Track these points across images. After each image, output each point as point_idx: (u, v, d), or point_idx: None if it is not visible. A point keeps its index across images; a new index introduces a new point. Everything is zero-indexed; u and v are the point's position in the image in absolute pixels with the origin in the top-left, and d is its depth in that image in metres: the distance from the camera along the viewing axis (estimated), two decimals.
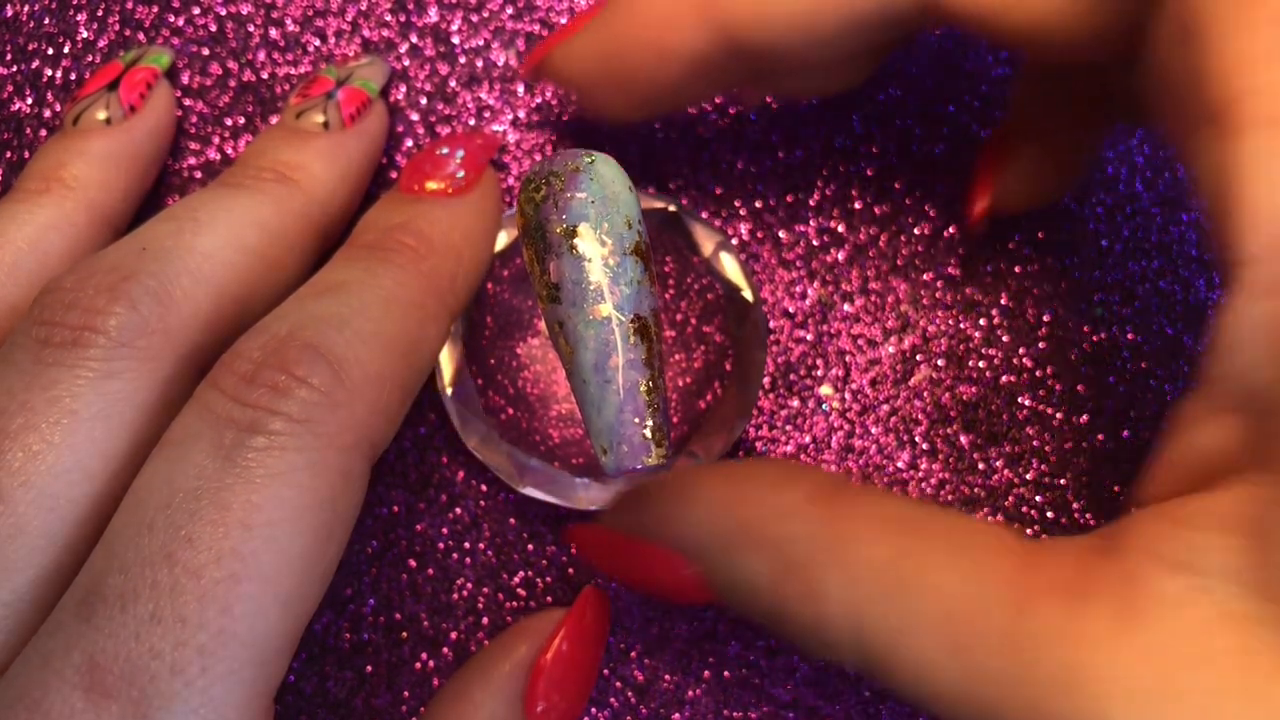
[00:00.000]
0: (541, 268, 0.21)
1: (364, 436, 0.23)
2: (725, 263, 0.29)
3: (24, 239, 0.26)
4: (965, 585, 0.20)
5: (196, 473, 0.21)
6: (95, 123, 0.29)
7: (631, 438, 0.20)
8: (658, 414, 0.20)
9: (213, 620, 0.20)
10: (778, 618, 0.22)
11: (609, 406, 0.20)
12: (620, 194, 0.21)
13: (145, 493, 0.21)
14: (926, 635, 0.20)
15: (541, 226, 0.20)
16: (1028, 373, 0.31)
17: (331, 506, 0.22)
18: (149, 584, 0.20)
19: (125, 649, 0.20)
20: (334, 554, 0.22)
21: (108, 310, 0.22)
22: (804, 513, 0.22)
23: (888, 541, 0.21)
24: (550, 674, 0.26)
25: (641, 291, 0.21)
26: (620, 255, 0.20)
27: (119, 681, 0.19)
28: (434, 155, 0.28)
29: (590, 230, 0.20)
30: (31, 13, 0.32)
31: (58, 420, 0.22)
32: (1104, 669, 0.18)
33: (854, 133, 0.32)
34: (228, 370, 0.22)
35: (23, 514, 0.21)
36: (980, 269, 0.31)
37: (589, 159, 0.21)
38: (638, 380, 0.20)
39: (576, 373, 0.20)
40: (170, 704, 0.19)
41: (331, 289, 0.24)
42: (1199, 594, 0.18)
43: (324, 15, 0.32)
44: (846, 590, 0.21)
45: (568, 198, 0.20)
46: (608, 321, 0.20)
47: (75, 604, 0.20)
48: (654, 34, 0.26)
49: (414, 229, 0.26)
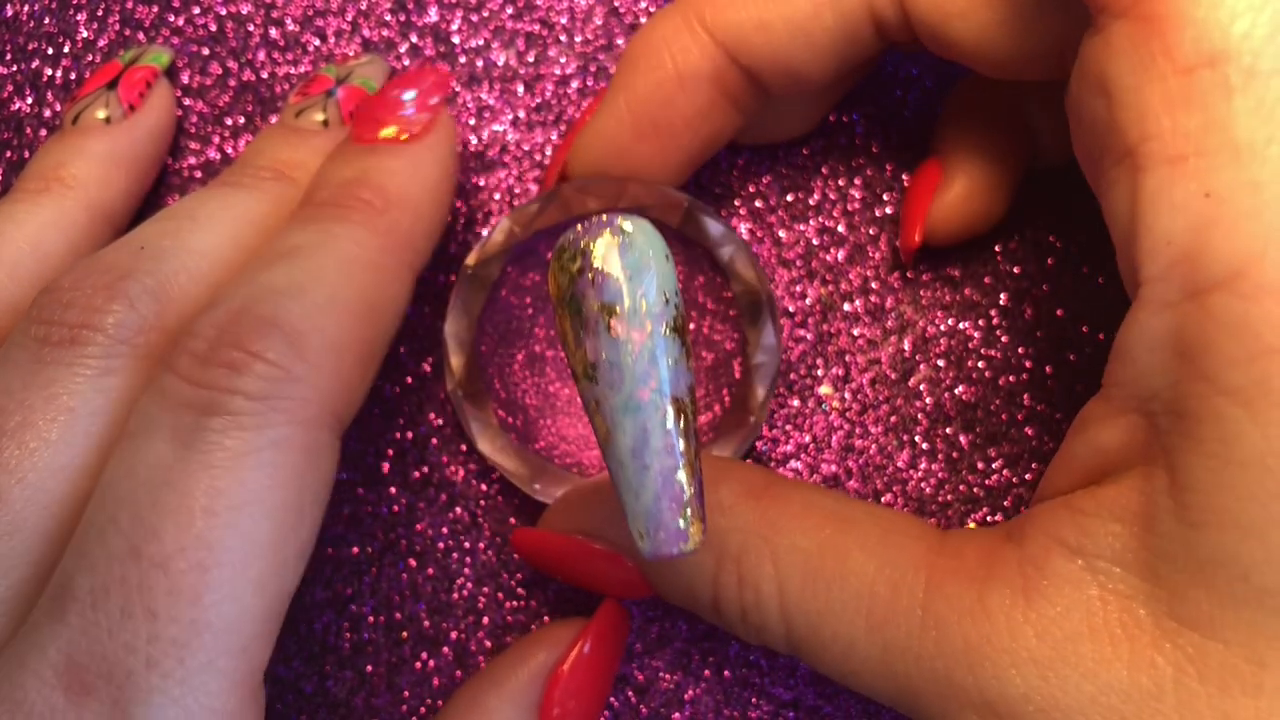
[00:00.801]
0: (577, 342, 0.20)
1: (327, 408, 0.22)
2: (739, 261, 0.29)
3: (24, 238, 0.26)
4: (882, 570, 0.23)
5: (157, 461, 0.21)
6: (95, 122, 0.29)
7: (668, 525, 0.20)
8: (694, 499, 0.20)
9: (183, 612, 0.20)
10: (714, 607, 0.25)
11: (646, 493, 0.20)
12: (657, 264, 0.20)
13: (109, 488, 0.21)
14: (848, 616, 0.23)
15: (577, 301, 0.20)
16: (1027, 373, 0.31)
17: (299, 483, 0.21)
18: (118, 580, 0.20)
19: (100, 646, 0.20)
20: (308, 532, 0.22)
21: (106, 309, 0.22)
22: (737, 507, 0.24)
23: (814, 533, 0.24)
24: (567, 683, 0.26)
25: (679, 370, 0.20)
26: (658, 335, 0.20)
27: (97, 679, 0.19)
28: (386, 99, 0.28)
29: (628, 308, 0.20)
30: (31, 13, 0.32)
31: (55, 418, 0.22)
32: (1004, 641, 0.21)
33: (854, 133, 0.32)
34: (182, 351, 0.22)
35: (19, 511, 0.21)
36: (980, 269, 0.31)
37: (625, 228, 0.20)
38: (675, 467, 0.20)
39: (613, 455, 0.20)
40: (149, 697, 0.19)
41: (285, 255, 0.24)
42: (1090, 574, 0.21)
43: (324, 15, 0.32)
44: (776, 578, 0.23)
45: (604, 273, 0.19)
46: (646, 406, 0.20)
47: (49, 603, 0.20)
48: (671, 66, 0.27)
49: (370, 183, 0.25)
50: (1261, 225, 0.19)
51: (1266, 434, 0.19)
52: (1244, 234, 0.19)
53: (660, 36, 0.27)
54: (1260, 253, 0.19)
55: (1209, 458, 0.19)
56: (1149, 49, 0.20)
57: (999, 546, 0.22)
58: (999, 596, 0.21)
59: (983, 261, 0.31)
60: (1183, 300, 0.20)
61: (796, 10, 0.26)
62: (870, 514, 0.24)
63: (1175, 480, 0.20)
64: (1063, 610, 0.21)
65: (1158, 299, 0.20)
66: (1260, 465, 0.19)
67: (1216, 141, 0.19)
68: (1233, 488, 0.19)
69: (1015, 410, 0.31)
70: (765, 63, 0.27)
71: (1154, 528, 0.20)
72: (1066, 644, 0.21)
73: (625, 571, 0.26)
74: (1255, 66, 0.19)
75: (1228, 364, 0.19)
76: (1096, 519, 0.21)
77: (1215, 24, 0.19)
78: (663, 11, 0.27)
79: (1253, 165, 0.19)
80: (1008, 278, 0.31)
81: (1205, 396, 0.19)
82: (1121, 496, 0.21)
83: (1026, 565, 0.21)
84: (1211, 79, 0.19)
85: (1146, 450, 0.21)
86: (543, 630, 0.28)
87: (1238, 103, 0.19)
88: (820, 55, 0.26)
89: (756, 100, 0.28)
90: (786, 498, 0.24)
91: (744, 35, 0.26)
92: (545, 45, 0.32)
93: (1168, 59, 0.20)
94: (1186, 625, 0.20)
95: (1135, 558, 0.20)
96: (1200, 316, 0.19)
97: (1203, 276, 0.19)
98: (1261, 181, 0.19)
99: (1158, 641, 0.20)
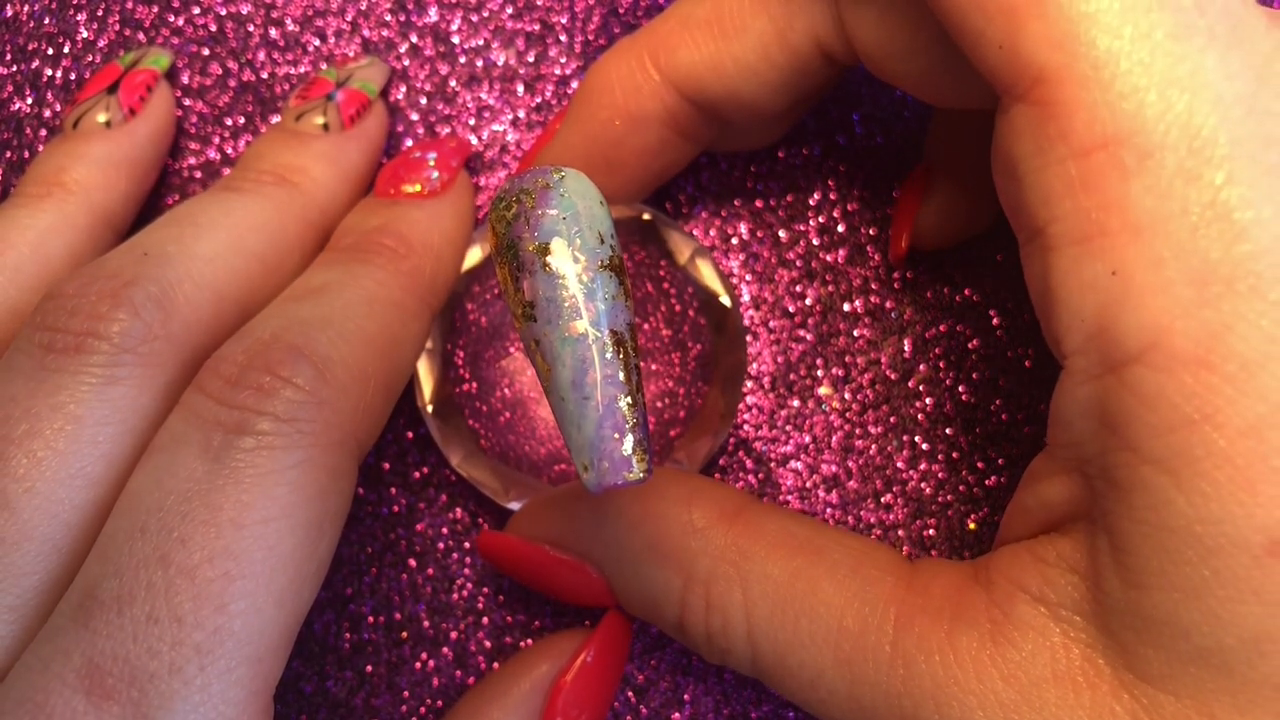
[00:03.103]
0: (516, 286, 0.20)
1: (350, 434, 0.23)
2: (702, 269, 0.29)
3: (26, 243, 0.26)
4: (852, 603, 0.23)
5: (187, 475, 0.21)
6: (95, 126, 0.29)
7: (612, 454, 0.20)
8: (638, 428, 0.20)
9: (208, 619, 0.20)
10: (679, 626, 0.25)
11: (588, 423, 0.20)
12: (592, 209, 0.20)
13: (137, 497, 0.21)
14: (815, 648, 0.23)
15: (514, 244, 0.20)
16: (1027, 373, 0.31)
17: (321, 503, 0.22)
18: (144, 586, 0.20)
19: (124, 650, 0.20)
20: (326, 550, 0.22)
21: (110, 316, 0.22)
22: (709, 531, 0.25)
23: (784, 561, 0.24)
24: (569, 694, 0.27)
25: (617, 306, 0.20)
26: (594, 271, 0.20)
27: (119, 683, 0.20)
28: (408, 160, 0.29)
29: (563, 246, 0.20)
30: (31, 13, 0.32)
31: (62, 426, 0.22)
32: (972, 684, 0.22)
33: (854, 133, 0.32)
34: (213, 374, 0.22)
35: (27, 520, 0.21)
36: (980, 270, 0.31)
37: (559, 175, 0.20)
38: (616, 395, 0.20)
39: (555, 390, 0.20)
40: (170, 703, 0.20)
41: (313, 291, 0.24)
42: (1054, 622, 0.22)
43: (324, 15, 0.32)
44: (745, 606, 0.24)
45: (539, 214, 0.20)
46: (584, 338, 0.20)
47: (72, 608, 0.20)
48: (622, 106, 0.27)
49: (393, 230, 0.27)
50: (1168, 299, 0.19)
51: (1192, 501, 0.19)
52: (1151, 309, 0.20)
53: (614, 76, 0.28)
54: (1168, 326, 0.19)
55: (1141, 524, 0.20)
56: (1047, 132, 0.20)
57: (967, 587, 0.23)
58: (967, 639, 0.22)
59: (983, 262, 0.31)
60: (1103, 373, 0.20)
61: (747, 50, 0.26)
62: (842, 543, 0.25)
63: (1114, 543, 0.21)
64: (1028, 655, 0.22)
65: (1080, 371, 0.21)
66: (1189, 532, 0.20)
67: (1117, 221, 0.20)
68: (1166, 553, 0.20)
69: (1015, 410, 0.31)
70: (719, 100, 0.27)
71: (1101, 585, 0.21)
72: (1032, 689, 0.21)
73: (588, 581, 0.27)
74: (1147, 146, 0.20)
75: (1150, 434, 0.20)
76: (1055, 569, 0.22)
77: (1106, 107, 0.20)
78: (617, 49, 0.28)
79: (1155, 242, 0.20)
80: (1008, 279, 0.31)
81: (1132, 465, 0.20)
82: (1074, 549, 0.22)
83: (993, 609, 0.22)
84: (1108, 161, 0.20)
85: (1088, 506, 0.22)
86: (545, 640, 0.28)
87: (1134, 183, 0.20)
88: (773, 90, 0.27)
89: (712, 129, 0.28)
90: (759, 524, 0.25)
91: (696, 75, 0.27)
92: (545, 45, 0.32)
93: (1065, 143, 0.20)
94: (1140, 678, 0.21)
95: (1091, 609, 0.21)
96: (1120, 389, 0.20)
97: (1118, 351, 0.20)
98: (1164, 258, 0.19)
99: (1116, 691, 0.21)
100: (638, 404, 0.20)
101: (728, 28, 0.26)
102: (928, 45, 0.24)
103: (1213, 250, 0.19)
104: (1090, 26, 0.20)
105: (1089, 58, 0.20)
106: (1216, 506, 0.19)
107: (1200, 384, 0.19)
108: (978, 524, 0.30)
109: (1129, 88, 0.20)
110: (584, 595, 0.27)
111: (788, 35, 0.26)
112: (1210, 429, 0.19)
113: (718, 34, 0.26)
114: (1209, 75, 0.20)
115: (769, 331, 0.31)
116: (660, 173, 0.29)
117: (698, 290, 0.30)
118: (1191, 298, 0.19)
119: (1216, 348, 0.19)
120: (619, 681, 0.28)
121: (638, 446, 0.20)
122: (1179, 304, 0.19)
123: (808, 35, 0.26)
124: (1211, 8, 0.20)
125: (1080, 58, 0.20)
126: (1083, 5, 0.20)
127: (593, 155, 0.28)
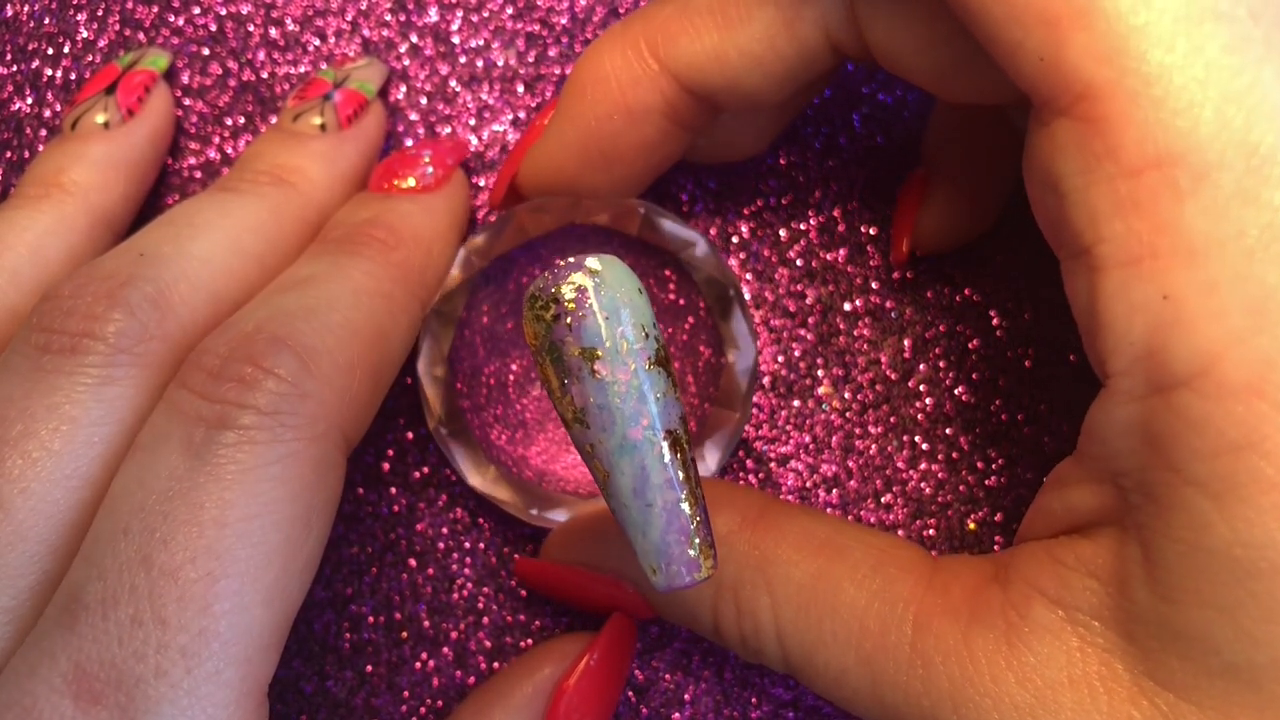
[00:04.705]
0: (562, 390, 0.20)
1: (335, 425, 0.23)
2: (703, 256, 0.29)
3: (24, 244, 0.26)
4: (873, 603, 0.23)
5: (168, 473, 0.21)
6: (93, 127, 0.29)
7: (679, 557, 0.20)
8: (701, 527, 0.20)
9: (193, 620, 0.20)
10: (715, 631, 0.26)
11: (653, 530, 0.20)
12: (633, 299, 0.20)
13: (119, 498, 0.21)
14: (839, 647, 0.24)
15: (556, 348, 0.19)
16: (1027, 373, 0.31)
17: (308, 497, 0.22)
18: (128, 588, 0.20)
19: (109, 654, 0.20)
20: (315, 545, 0.22)
21: (106, 316, 0.22)
22: (732, 537, 0.25)
23: (807, 563, 0.24)
24: (572, 696, 0.27)
25: (668, 403, 0.20)
26: (643, 372, 0.19)
27: (105, 687, 0.20)
28: (403, 155, 0.29)
29: (609, 349, 0.19)
30: (31, 13, 0.32)
31: (57, 427, 0.22)
32: (987, 685, 0.22)
33: (854, 133, 0.32)
34: (195, 368, 0.22)
35: (23, 521, 0.21)
36: (980, 270, 0.31)
37: (595, 269, 0.19)
38: (677, 499, 0.20)
39: (615, 496, 0.20)
40: (157, 707, 0.20)
41: (300, 283, 0.24)
42: (1070, 626, 0.22)
43: (324, 15, 0.32)
44: (772, 609, 0.24)
45: (580, 317, 0.19)
46: (640, 444, 0.20)
47: (58, 612, 0.20)
48: (619, 98, 0.26)
49: (383, 222, 0.26)
50: (1221, 327, 0.19)
51: (1233, 526, 0.19)
52: (1203, 336, 0.19)
53: (609, 67, 0.26)
54: (1220, 354, 0.19)
55: (1178, 542, 0.20)
56: (1093, 149, 0.20)
57: (985, 586, 0.23)
58: (983, 640, 0.22)
59: (983, 262, 0.31)
60: (1149, 394, 0.20)
61: (752, 39, 0.25)
62: (864, 541, 0.25)
63: (1147, 555, 0.20)
64: (1044, 658, 0.22)
65: (1124, 391, 0.20)
66: (1227, 554, 0.19)
67: (1170, 244, 0.19)
68: (1202, 571, 0.20)
69: (1015, 410, 0.31)
70: (720, 91, 0.26)
71: (1128, 593, 0.21)
72: (1047, 691, 0.21)
73: (627, 596, 0.27)
74: (1203, 166, 0.19)
75: (1194, 457, 0.19)
76: (1075, 573, 0.22)
77: (1159, 124, 0.19)
78: (608, 38, 0.27)
79: (1208, 266, 0.19)
80: (1008, 279, 0.31)
81: (1174, 485, 0.20)
82: (1098, 555, 0.21)
83: (1009, 610, 0.22)
84: (1160, 181, 0.19)
85: (1119, 515, 0.21)
86: (549, 643, 0.28)
87: (1188, 205, 0.19)
88: (777, 81, 0.26)
89: (708, 119, 0.28)
90: (781, 526, 0.25)
91: (698, 66, 0.26)
92: (545, 45, 0.32)
93: (1114, 161, 0.20)
94: (1162, 685, 0.20)
95: (1112, 615, 0.21)
96: (1166, 412, 0.20)
97: (1166, 375, 0.20)
98: (1218, 282, 0.19)
99: (1134, 697, 0.21)
100: (698, 499, 0.20)
101: (732, 15, 0.25)
102: (944, 40, 0.24)
103: (1270, 275, 0.19)
104: (1141, 40, 0.19)
105: (1139, 73, 0.19)
106: (1260, 532, 0.19)
107: (1250, 412, 0.19)
108: (977, 524, 0.30)
109: (1183, 104, 0.19)
110: (621, 609, 0.27)
111: (795, 25, 0.25)
112: (1257, 457, 0.19)
113: (721, 22, 0.26)
114: (1267, 89, 0.19)
115: (769, 331, 0.31)
116: (658, 165, 0.28)
117: (701, 279, 0.29)
118: (1246, 326, 0.19)
119: (1270, 376, 0.19)
120: (623, 685, 0.28)
121: (703, 545, 0.20)
122: (1232, 332, 0.19)
123: (817, 26, 0.25)
124: (1266, 16, 0.19)
125: (1130, 73, 0.19)
126: (1131, 18, 0.19)
127: (589, 151, 0.27)
